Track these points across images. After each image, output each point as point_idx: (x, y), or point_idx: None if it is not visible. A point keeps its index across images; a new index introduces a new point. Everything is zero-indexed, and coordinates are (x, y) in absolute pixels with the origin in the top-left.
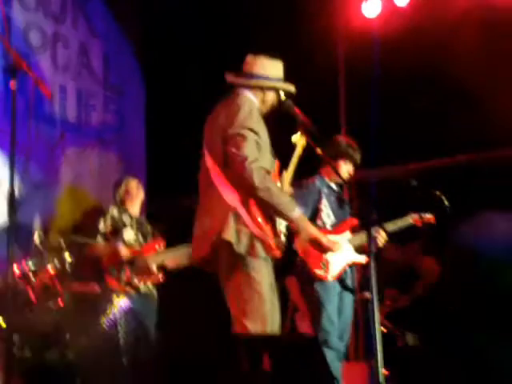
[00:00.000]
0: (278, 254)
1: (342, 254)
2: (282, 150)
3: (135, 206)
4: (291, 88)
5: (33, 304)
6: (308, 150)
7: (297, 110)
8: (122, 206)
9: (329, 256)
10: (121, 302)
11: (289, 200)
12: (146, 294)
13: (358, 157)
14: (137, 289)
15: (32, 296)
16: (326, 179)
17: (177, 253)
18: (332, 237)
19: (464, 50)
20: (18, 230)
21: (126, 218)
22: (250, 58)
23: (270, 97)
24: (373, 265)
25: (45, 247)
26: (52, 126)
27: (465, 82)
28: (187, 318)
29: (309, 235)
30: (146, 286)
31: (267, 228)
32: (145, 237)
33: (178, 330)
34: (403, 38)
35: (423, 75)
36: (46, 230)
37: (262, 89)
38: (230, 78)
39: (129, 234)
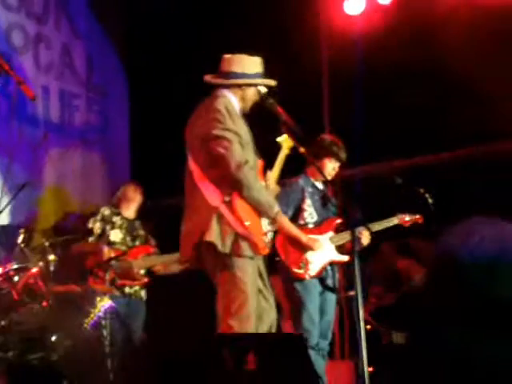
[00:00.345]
0: (264, 251)
1: (323, 253)
2: (266, 149)
3: (130, 209)
4: (270, 82)
5: (17, 305)
6: (294, 150)
7: (280, 109)
8: (116, 207)
9: (309, 255)
10: (104, 304)
11: (271, 198)
12: (132, 296)
13: (343, 154)
14: (121, 290)
15: (15, 297)
16: (311, 178)
17: (166, 259)
18: (313, 236)
19: (448, 47)
20: (1, 230)
21: (116, 219)
22: (226, 57)
23: (250, 93)
24: (356, 263)
25: (28, 247)
26: (35, 126)
27: (450, 79)
28: (175, 318)
29: (288, 233)
30: (131, 287)
31: (252, 226)
32: (134, 240)
33: (165, 331)
34: (386, 35)
35: (407, 72)
36: (29, 231)
37: (240, 86)
38: (207, 78)
39: (115, 235)
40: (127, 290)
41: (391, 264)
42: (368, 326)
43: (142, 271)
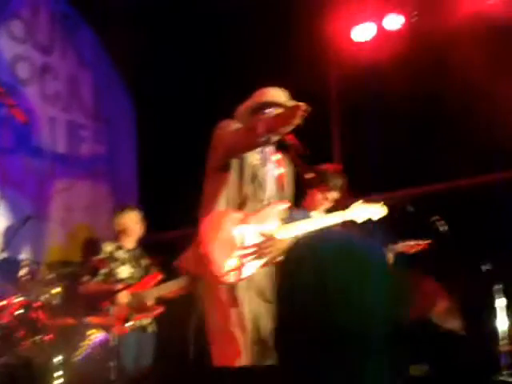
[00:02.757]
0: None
1: None
2: None
3: (132, 240)
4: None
5: (21, 338)
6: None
7: (288, 136)
8: (117, 240)
9: None
10: (96, 336)
11: None
12: (144, 330)
13: (335, 181)
14: (134, 325)
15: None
16: (308, 211)
17: (173, 285)
18: None
19: (458, 73)
20: (7, 263)
21: (120, 254)
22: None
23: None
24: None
25: (33, 281)
26: (41, 158)
27: (462, 105)
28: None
29: None
30: (142, 321)
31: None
32: (142, 271)
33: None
34: (395, 62)
35: (418, 99)
36: (34, 263)
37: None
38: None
39: (124, 271)
40: (139, 323)
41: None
42: None
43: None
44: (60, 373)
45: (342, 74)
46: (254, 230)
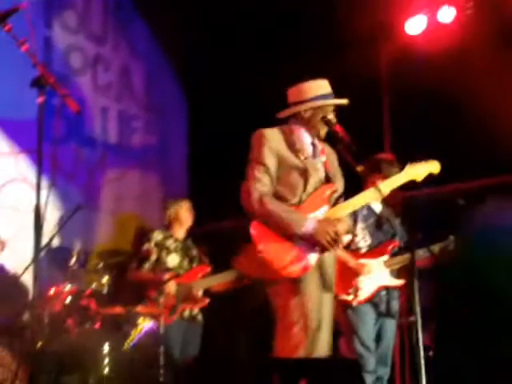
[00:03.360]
0: (286, 274)
1: (374, 277)
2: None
3: (182, 230)
4: (330, 102)
5: (70, 326)
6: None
7: (337, 127)
8: (167, 229)
9: (359, 281)
10: (145, 325)
11: (294, 217)
12: (190, 321)
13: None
14: (180, 314)
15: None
16: None
17: (222, 278)
18: (364, 260)
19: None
20: (58, 252)
21: (170, 243)
22: (289, 91)
23: (314, 118)
24: (415, 287)
25: (83, 269)
26: (93, 148)
27: None
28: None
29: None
30: (189, 311)
31: (275, 250)
32: (190, 261)
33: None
34: (448, 55)
35: (471, 92)
36: (84, 253)
37: (301, 114)
38: (277, 115)
39: (173, 260)
40: (186, 313)
41: None
42: (430, 353)
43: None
44: (108, 361)
45: (393, 66)
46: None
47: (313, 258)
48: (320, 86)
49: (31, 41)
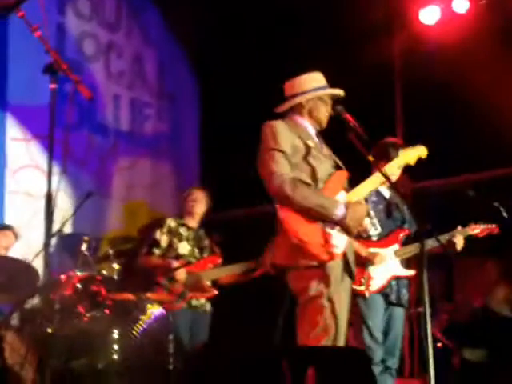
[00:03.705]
0: (323, 259)
1: (386, 267)
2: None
3: (196, 219)
4: (332, 91)
5: (81, 311)
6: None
7: (347, 116)
8: (181, 217)
9: (370, 270)
10: (155, 311)
11: (328, 201)
12: (198, 309)
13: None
14: (188, 302)
15: (78, 304)
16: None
17: (232, 270)
18: (376, 249)
19: None
20: (69, 238)
21: (182, 231)
22: (285, 85)
23: (315, 107)
24: (424, 278)
25: (94, 256)
26: (105, 135)
27: None
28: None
29: None
30: (198, 300)
31: (306, 234)
32: (201, 251)
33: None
34: (463, 45)
35: (484, 83)
36: (95, 239)
37: (302, 105)
38: (276, 109)
39: (184, 248)
40: (194, 302)
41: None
42: (439, 344)
43: (209, 283)
44: (118, 346)
45: (407, 56)
46: None
47: (342, 242)
48: (316, 78)
49: (44, 27)
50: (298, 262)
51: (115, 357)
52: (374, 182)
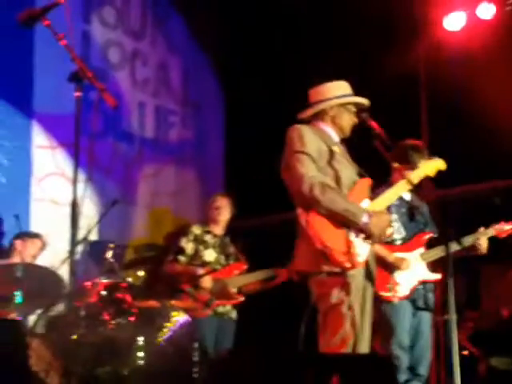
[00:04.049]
0: (346, 266)
1: (412, 272)
2: None
3: (221, 226)
4: (356, 99)
5: (106, 318)
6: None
7: (373, 123)
8: (206, 224)
9: (397, 276)
10: (179, 318)
11: (354, 207)
12: (224, 316)
13: (422, 158)
14: (214, 310)
15: (104, 311)
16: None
17: (257, 277)
18: (401, 254)
19: None
20: (94, 245)
21: (208, 238)
22: (310, 91)
23: (339, 115)
24: (450, 282)
25: (119, 263)
26: (130, 142)
27: None
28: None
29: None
30: (224, 307)
31: (331, 240)
32: (227, 258)
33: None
34: (488, 51)
35: (509, 89)
36: (121, 247)
37: (325, 112)
38: (299, 115)
39: (210, 255)
40: (220, 309)
41: None
42: (465, 352)
43: (235, 289)
44: (143, 353)
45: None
46: None
47: (364, 251)
48: (341, 86)
49: (69, 36)
50: (320, 267)
51: (140, 364)
52: (398, 191)
